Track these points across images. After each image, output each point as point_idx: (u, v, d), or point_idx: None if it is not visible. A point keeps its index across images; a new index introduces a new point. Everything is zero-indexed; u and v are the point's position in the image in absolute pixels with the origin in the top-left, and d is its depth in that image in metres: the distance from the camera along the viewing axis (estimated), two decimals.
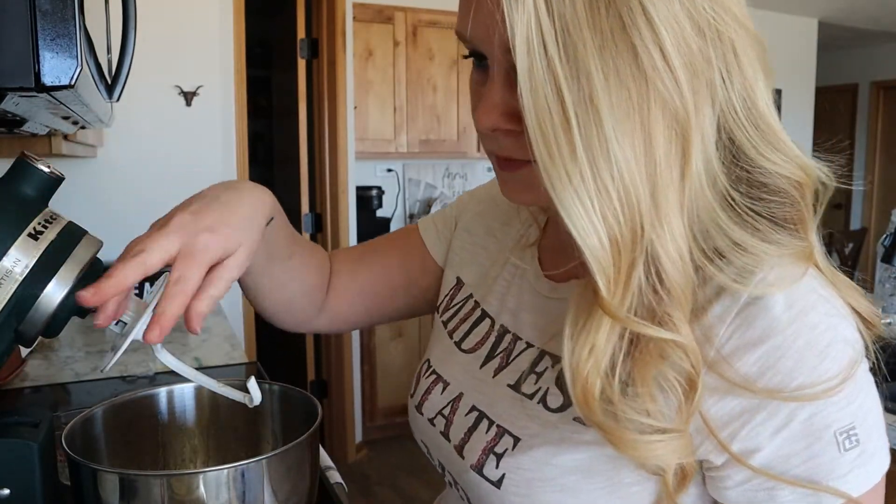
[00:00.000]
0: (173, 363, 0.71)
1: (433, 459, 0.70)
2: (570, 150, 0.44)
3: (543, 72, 0.43)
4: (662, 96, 0.44)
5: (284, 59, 3.62)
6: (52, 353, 1.74)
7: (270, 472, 0.71)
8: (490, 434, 0.60)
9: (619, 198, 0.44)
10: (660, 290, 0.47)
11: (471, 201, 0.80)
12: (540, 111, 0.44)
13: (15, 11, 0.53)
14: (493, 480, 0.58)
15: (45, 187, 0.64)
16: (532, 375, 0.60)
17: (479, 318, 0.70)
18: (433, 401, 0.70)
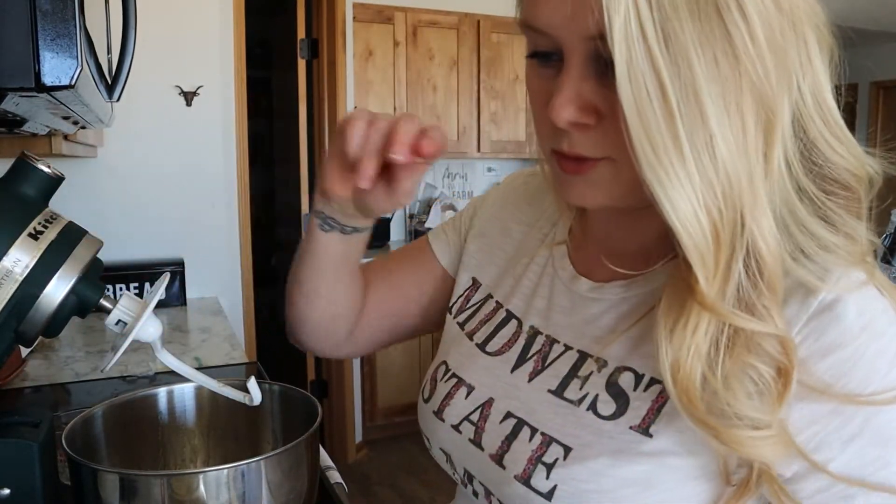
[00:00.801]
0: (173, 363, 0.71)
1: (456, 468, 0.66)
2: (674, 144, 0.43)
3: (643, 61, 0.42)
4: (753, 84, 0.44)
5: (284, 60, 3.62)
6: (52, 352, 1.74)
7: (270, 472, 0.71)
8: (534, 443, 0.57)
9: (723, 191, 0.44)
10: (760, 283, 0.46)
11: (483, 205, 0.79)
12: (641, 103, 0.42)
13: (15, 11, 0.53)
14: (543, 492, 0.54)
15: (46, 187, 0.64)
16: (576, 380, 0.57)
17: (505, 320, 0.67)
18: (456, 406, 0.65)
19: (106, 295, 0.66)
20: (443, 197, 4.09)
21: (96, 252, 0.64)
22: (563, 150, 0.51)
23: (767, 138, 0.46)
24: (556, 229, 0.69)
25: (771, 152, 0.46)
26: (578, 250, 0.65)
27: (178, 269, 2.31)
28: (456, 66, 3.79)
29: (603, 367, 0.56)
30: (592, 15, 0.43)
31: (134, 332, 0.65)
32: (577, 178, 0.52)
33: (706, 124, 0.43)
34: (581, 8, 0.44)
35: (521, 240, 0.72)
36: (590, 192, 0.52)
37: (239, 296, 2.58)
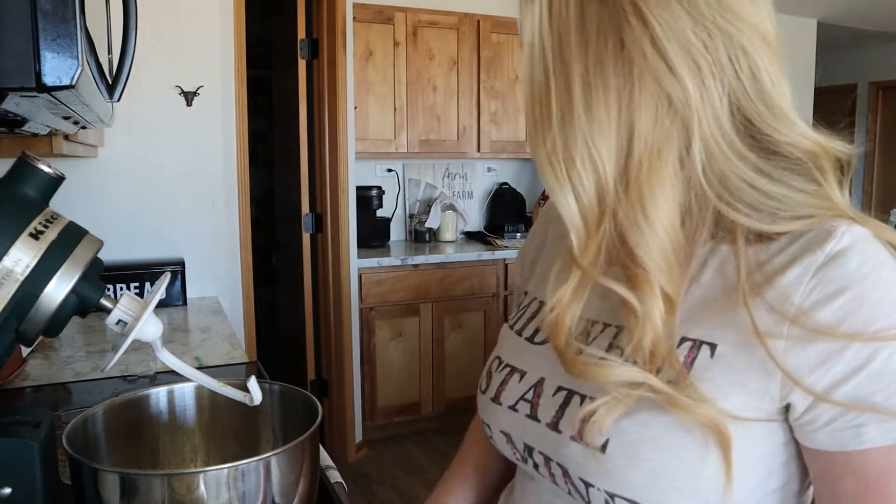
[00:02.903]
0: (174, 363, 0.71)
1: (516, 445, 0.71)
2: (548, 124, 0.55)
3: (538, 61, 0.55)
4: (653, 77, 0.54)
5: (285, 60, 3.62)
6: (52, 352, 1.74)
7: (270, 472, 0.71)
8: (585, 406, 0.63)
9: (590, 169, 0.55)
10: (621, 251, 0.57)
11: (527, 245, 0.88)
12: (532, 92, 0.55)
13: (16, 12, 0.53)
14: (597, 446, 0.60)
15: (46, 187, 0.64)
16: (615, 350, 0.64)
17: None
18: (511, 390, 0.72)
19: (106, 295, 0.66)
20: (443, 197, 4.09)
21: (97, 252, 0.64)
22: None
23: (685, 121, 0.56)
24: None
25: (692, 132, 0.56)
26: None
27: (178, 268, 2.31)
28: (456, 66, 3.79)
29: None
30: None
31: (134, 331, 0.66)
32: None
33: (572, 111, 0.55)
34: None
35: (554, 251, 0.80)
36: None
37: (239, 296, 2.58)
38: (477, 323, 3.65)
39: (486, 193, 4.31)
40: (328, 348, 3.42)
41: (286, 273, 4.04)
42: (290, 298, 3.87)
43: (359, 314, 3.35)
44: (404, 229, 4.10)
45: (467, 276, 3.59)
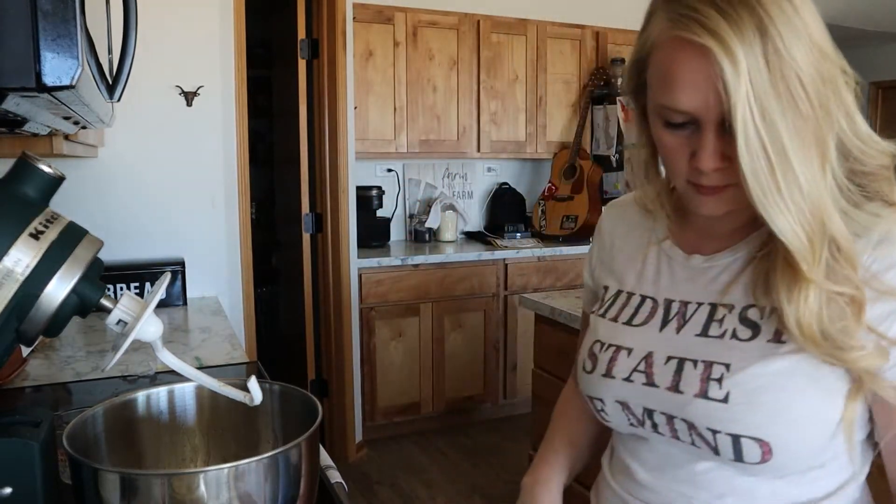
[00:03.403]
0: (174, 363, 0.72)
1: (633, 412, 0.83)
2: (775, 186, 0.68)
3: (753, 134, 0.66)
4: (813, 132, 0.68)
5: (285, 60, 3.62)
6: (53, 352, 1.75)
7: (270, 472, 0.71)
8: (699, 369, 0.77)
9: (809, 210, 0.69)
10: (839, 258, 0.70)
11: (594, 247, 1.01)
12: (752, 161, 0.67)
13: (16, 12, 0.53)
14: (720, 399, 0.74)
15: (46, 187, 0.64)
16: (714, 323, 0.79)
17: (641, 302, 0.88)
18: (622, 364, 0.84)
19: (106, 295, 0.66)
20: (443, 197, 4.09)
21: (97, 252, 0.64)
22: (703, 185, 0.74)
23: (822, 164, 0.70)
24: (654, 233, 0.91)
25: (826, 172, 0.70)
26: (681, 241, 0.88)
27: (179, 268, 2.31)
28: (456, 66, 3.79)
29: (732, 309, 0.79)
30: (721, 103, 0.67)
31: (134, 331, 0.66)
32: (713, 199, 0.75)
33: (792, 168, 0.68)
34: (711, 96, 0.68)
35: (627, 248, 0.94)
36: (719, 206, 0.76)
37: (239, 296, 2.58)
38: (477, 323, 3.64)
39: (485, 193, 4.31)
40: (328, 348, 3.42)
41: (286, 273, 4.04)
42: (290, 298, 3.87)
43: (359, 314, 3.35)
44: (404, 229, 4.10)
45: (467, 276, 3.59)
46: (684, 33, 0.68)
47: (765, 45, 0.66)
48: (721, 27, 0.66)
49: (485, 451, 3.41)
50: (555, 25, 4.01)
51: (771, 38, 0.66)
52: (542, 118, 4.04)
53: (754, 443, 0.73)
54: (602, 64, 4.13)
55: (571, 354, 2.28)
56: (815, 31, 0.69)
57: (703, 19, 0.66)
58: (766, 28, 0.66)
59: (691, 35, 0.67)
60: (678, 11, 0.69)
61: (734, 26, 0.65)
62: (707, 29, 0.66)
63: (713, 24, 0.66)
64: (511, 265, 3.69)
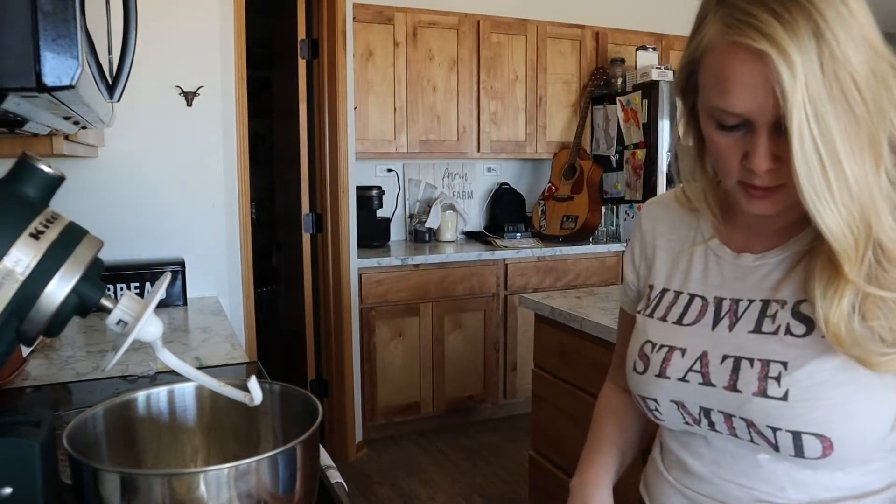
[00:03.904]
0: (174, 363, 0.72)
1: (689, 411, 0.84)
2: (827, 187, 0.68)
3: (807, 135, 0.66)
4: (867, 133, 0.68)
5: (285, 60, 3.62)
6: (53, 352, 1.75)
7: (270, 471, 0.71)
8: (756, 368, 0.78)
9: (858, 211, 0.69)
10: (883, 261, 0.71)
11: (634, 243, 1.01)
12: (806, 162, 0.67)
13: (16, 12, 0.53)
14: (780, 397, 0.75)
15: (47, 187, 0.64)
16: (767, 318, 0.80)
17: (689, 300, 0.88)
18: (676, 365, 0.85)
19: (107, 295, 0.66)
20: (443, 197, 4.09)
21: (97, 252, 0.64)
22: (754, 185, 0.74)
23: (876, 164, 0.70)
24: (699, 230, 0.92)
25: (879, 171, 0.70)
26: (728, 239, 0.89)
27: (178, 268, 2.31)
28: (456, 66, 3.79)
29: (784, 304, 0.79)
30: (776, 107, 0.68)
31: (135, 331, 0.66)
32: (764, 201, 0.75)
33: (844, 170, 0.68)
34: (767, 99, 0.68)
35: (670, 247, 0.95)
36: (770, 206, 0.76)
37: (239, 296, 2.58)
38: (477, 323, 3.65)
39: (485, 193, 4.31)
40: (328, 348, 3.42)
41: (286, 273, 4.04)
42: (290, 298, 3.87)
43: (359, 314, 3.35)
44: (404, 229, 4.10)
45: (467, 276, 3.59)
46: (741, 38, 0.68)
47: (820, 50, 0.66)
48: (777, 32, 0.66)
49: (485, 451, 3.41)
50: (555, 25, 4.01)
51: (826, 41, 0.66)
52: (542, 118, 4.04)
53: (815, 438, 0.74)
54: (602, 64, 4.13)
55: (571, 354, 2.28)
56: (868, 31, 0.69)
57: (759, 24, 0.67)
58: (821, 32, 0.66)
59: (748, 40, 0.68)
60: (734, 16, 0.69)
61: (790, 31, 0.66)
62: (764, 34, 0.66)
63: (769, 29, 0.66)
64: (511, 265, 3.69)
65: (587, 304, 2.20)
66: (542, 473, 2.36)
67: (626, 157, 3.91)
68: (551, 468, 2.29)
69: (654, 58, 4.01)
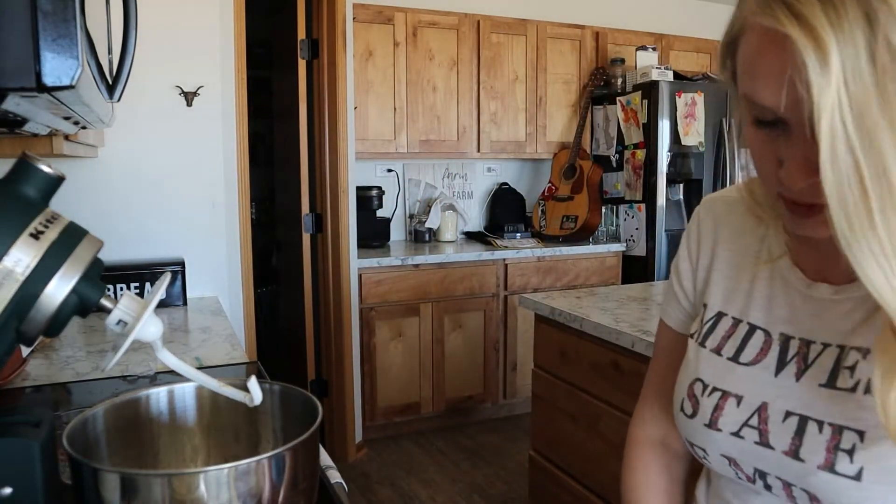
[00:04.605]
0: (174, 363, 0.72)
1: (743, 469, 0.71)
2: (868, 220, 0.51)
3: (844, 147, 0.50)
4: None
5: (285, 60, 3.62)
6: (53, 352, 1.75)
7: (270, 472, 0.71)
8: (825, 434, 0.63)
9: None
10: None
11: (691, 252, 0.84)
12: (840, 184, 0.51)
13: (16, 12, 0.53)
14: (852, 475, 0.61)
15: (46, 187, 0.64)
16: (844, 371, 0.64)
17: (749, 332, 0.73)
18: (730, 415, 0.71)
19: (107, 295, 0.66)
20: (443, 197, 4.09)
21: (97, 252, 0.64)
22: (793, 200, 0.59)
23: None
24: (766, 244, 0.75)
25: None
26: (802, 260, 0.72)
27: (178, 268, 2.31)
28: (456, 66, 3.79)
29: (866, 354, 0.63)
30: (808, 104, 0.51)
31: (135, 331, 0.66)
32: (806, 220, 0.59)
33: (895, 200, 0.50)
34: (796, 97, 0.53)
35: (731, 259, 0.78)
36: (817, 228, 0.59)
37: (239, 296, 2.58)
38: (477, 323, 3.65)
39: (485, 193, 4.31)
40: (328, 348, 3.42)
41: (286, 273, 4.04)
42: (290, 298, 3.87)
43: (359, 314, 3.35)
44: (404, 229, 4.10)
45: (467, 276, 3.59)
46: (768, 21, 0.55)
47: (873, 37, 0.50)
48: (813, 13, 0.51)
49: (485, 451, 3.41)
50: (555, 25, 4.01)
51: (882, 27, 0.49)
52: (542, 118, 4.04)
53: None
54: (602, 64, 4.13)
55: (571, 354, 2.28)
56: None
57: (793, 2, 0.53)
58: (876, 15, 0.49)
59: (775, 23, 0.54)
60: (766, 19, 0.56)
61: (831, 12, 0.51)
62: (794, 14, 0.52)
63: (804, 9, 0.52)
64: (511, 265, 3.69)
65: (587, 304, 2.20)
66: (542, 473, 2.36)
67: (626, 157, 3.91)
68: (551, 468, 2.29)
69: (654, 58, 4.01)
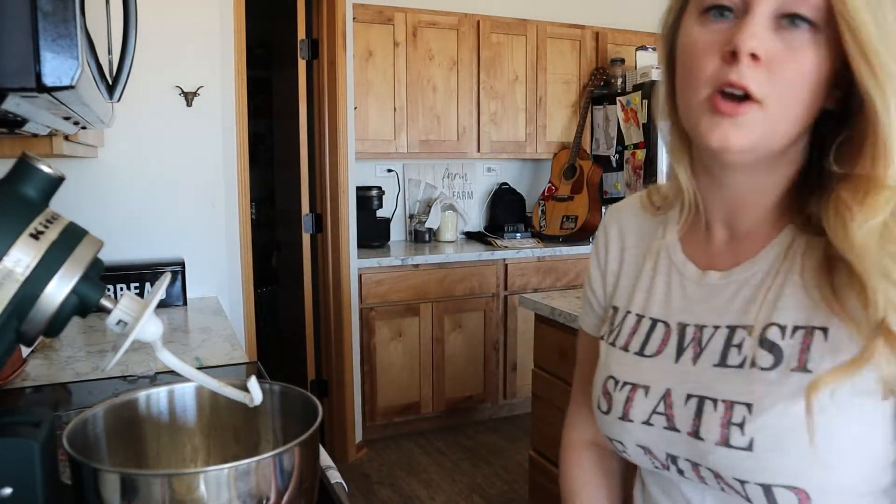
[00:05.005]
0: (174, 363, 0.72)
1: (656, 456, 0.74)
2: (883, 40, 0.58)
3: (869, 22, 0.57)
4: None
5: (285, 60, 3.62)
6: (53, 352, 1.75)
7: (270, 471, 0.71)
8: (719, 411, 0.67)
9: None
10: None
11: (600, 259, 0.88)
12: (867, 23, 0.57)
13: (16, 12, 0.53)
14: (744, 447, 0.65)
15: (46, 188, 0.64)
16: (733, 349, 0.69)
17: (652, 326, 0.78)
18: (639, 406, 0.75)
19: (107, 295, 0.66)
20: (443, 197, 4.09)
21: (97, 252, 0.64)
22: (729, 81, 0.61)
23: None
24: (662, 241, 0.80)
25: None
26: (695, 248, 0.77)
27: (179, 269, 2.31)
28: (456, 66, 3.79)
29: (751, 330, 0.68)
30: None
31: (135, 331, 0.66)
32: (726, 120, 0.62)
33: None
34: None
35: (635, 261, 0.83)
36: (735, 134, 0.62)
37: (239, 296, 2.58)
38: (477, 323, 3.65)
39: (485, 193, 4.31)
40: (328, 348, 3.42)
41: (286, 273, 4.04)
42: (290, 298, 3.87)
43: (359, 314, 3.35)
44: (404, 229, 4.10)
45: (467, 276, 3.59)
46: None
47: None
48: None
49: (485, 451, 3.41)
50: (555, 25, 4.01)
51: None
52: (542, 118, 4.04)
53: (788, 491, 0.64)
54: (602, 64, 4.13)
55: (571, 354, 2.28)
56: None
57: None
58: None
59: None
60: None
61: None
62: None
63: None
64: (511, 265, 3.69)
65: None
66: (542, 473, 2.36)
67: (626, 157, 3.91)
68: (551, 468, 2.29)
69: (653, 58, 4.01)
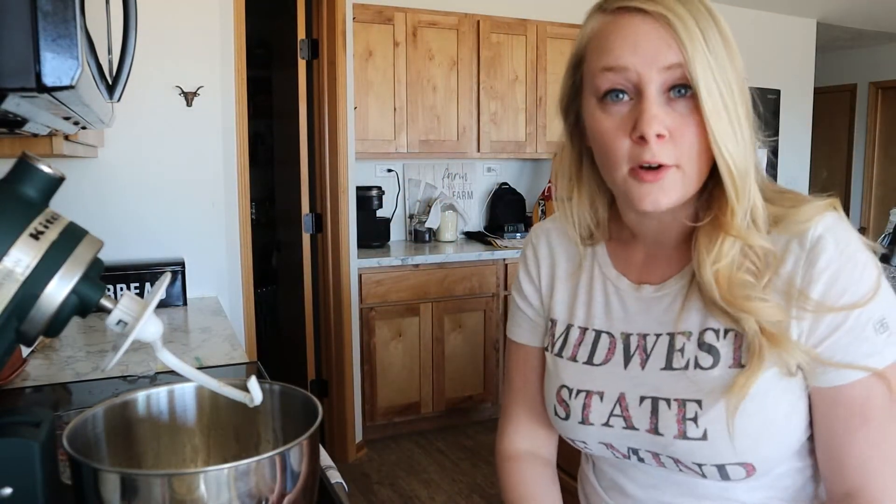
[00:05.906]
0: (174, 363, 0.72)
1: (618, 450, 0.83)
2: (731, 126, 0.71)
3: (710, 75, 0.69)
4: (745, 109, 0.73)
5: (285, 60, 3.62)
6: (53, 352, 1.75)
7: (270, 472, 0.71)
8: (673, 409, 0.77)
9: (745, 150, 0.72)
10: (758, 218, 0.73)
11: (531, 275, 0.95)
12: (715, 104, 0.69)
13: (16, 12, 0.53)
14: (699, 437, 0.75)
15: (46, 188, 0.64)
16: (676, 353, 0.78)
17: (597, 337, 0.85)
18: (597, 410, 0.83)
19: (107, 295, 0.66)
20: (443, 197, 4.09)
21: (97, 252, 0.64)
22: (645, 161, 0.71)
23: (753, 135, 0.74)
24: (595, 260, 0.88)
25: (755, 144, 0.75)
26: (626, 271, 0.86)
27: (179, 269, 2.31)
28: (456, 66, 3.79)
29: (690, 336, 0.78)
30: (670, 50, 0.69)
31: (135, 331, 0.66)
32: (652, 186, 0.72)
33: (738, 110, 0.71)
34: (661, 46, 0.69)
35: (568, 278, 0.90)
36: (663, 195, 0.73)
37: (239, 296, 2.58)
38: (477, 323, 3.65)
39: (485, 193, 4.31)
40: (328, 348, 3.42)
41: (286, 273, 4.04)
42: (290, 298, 3.87)
43: (359, 314, 3.35)
44: (404, 229, 4.10)
45: (467, 276, 3.59)
46: (625, 2, 0.71)
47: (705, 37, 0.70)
48: (668, 3, 0.70)
49: (485, 451, 3.41)
50: (555, 25, 4.01)
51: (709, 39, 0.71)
52: (542, 118, 4.04)
53: (739, 466, 0.75)
54: None
55: None
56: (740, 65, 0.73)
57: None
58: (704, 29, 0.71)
59: (634, 2, 0.71)
60: (614, 5, 0.73)
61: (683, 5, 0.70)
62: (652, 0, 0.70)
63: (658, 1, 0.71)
64: (511, 265, 3.68)
65: None
66: None
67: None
68: None
69: None
